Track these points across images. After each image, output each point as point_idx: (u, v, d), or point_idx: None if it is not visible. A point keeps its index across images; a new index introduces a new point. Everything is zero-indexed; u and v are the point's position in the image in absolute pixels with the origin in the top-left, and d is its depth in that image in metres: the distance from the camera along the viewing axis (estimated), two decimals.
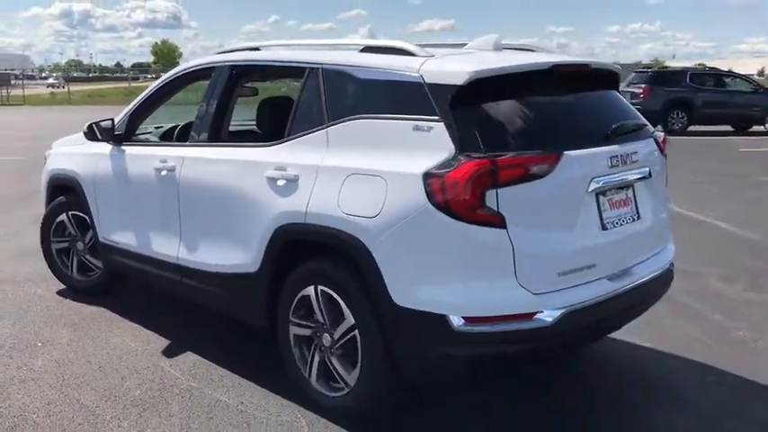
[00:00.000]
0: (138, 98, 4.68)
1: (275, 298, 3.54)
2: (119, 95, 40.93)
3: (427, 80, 3.02)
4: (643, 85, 18.85)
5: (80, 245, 5.16)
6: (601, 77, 3.57)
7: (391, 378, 3.19)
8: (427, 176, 2.87)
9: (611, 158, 3.20)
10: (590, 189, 3.10)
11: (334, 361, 3.34)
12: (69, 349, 4.21)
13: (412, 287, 2.95)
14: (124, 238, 4.57)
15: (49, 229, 5.23)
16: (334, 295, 3.25)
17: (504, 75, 3.06)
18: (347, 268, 3.16)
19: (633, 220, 3.36)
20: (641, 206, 3.43)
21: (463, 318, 2.88)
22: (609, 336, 4.04)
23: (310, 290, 3.34)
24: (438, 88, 2.98)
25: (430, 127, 2.96)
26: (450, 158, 2.86)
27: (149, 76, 71.59)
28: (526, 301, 2.90)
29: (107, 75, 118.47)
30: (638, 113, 3.70)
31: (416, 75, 3.07)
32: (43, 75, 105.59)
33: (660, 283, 3.55)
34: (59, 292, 5.24)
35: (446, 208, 2.84)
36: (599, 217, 3.18)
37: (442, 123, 2.93)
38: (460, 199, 2.81)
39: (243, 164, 3.72)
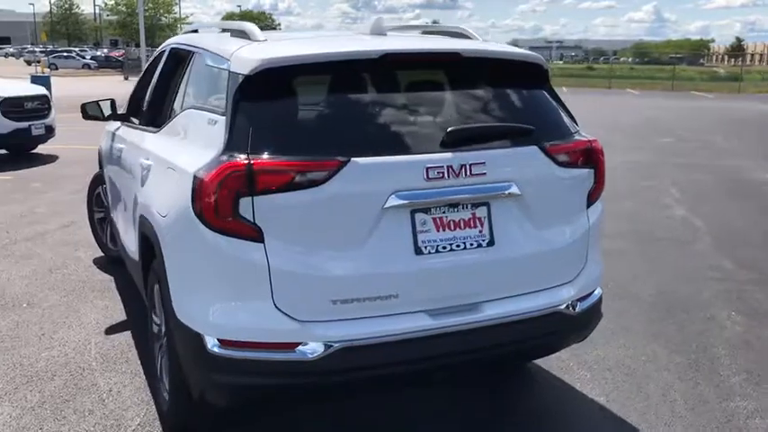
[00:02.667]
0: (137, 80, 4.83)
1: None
2: None
3: (231, 68, 2.73)
4: None
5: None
6: (495, 68, 2.96)
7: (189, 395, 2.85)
8: (195, 177, 2.58)
9: (427, 169, 2.58)
10: (389, 205, 2.55)
11: (163, 364, 3.16)
12: (37, 313, 4.47)
13: (183, 299, 2.72)
14: (113, 214, 4.78)
15: (91, 199, 5.68)
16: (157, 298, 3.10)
17: (309, 64, 2.66)
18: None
19: (480, 245, 2.71)
20: (499, 230, 2.74)
21: (218, 340, 2.55)
22: None
23: (155, 287, 3.19)
24: (233, 77, 2.68)
25: (216, 120, 2.71)
26: (214, 158, 2.54)
27: None
28: (286, 328, 2.53)
29: None
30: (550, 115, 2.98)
31: (227, 62, 2.78)
32: None
33: (544, 329, 2.86)
34: (95, 260, 5.59)
35: (200, 214, 2.54)
36: (412, 239, 2.61)
37: (224, 118, 2.62)
38: (211, 205, 2.50)
39: (135, 149, 3.79)
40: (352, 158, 2.50)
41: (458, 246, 2.68)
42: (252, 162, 2.47)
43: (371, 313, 2.57)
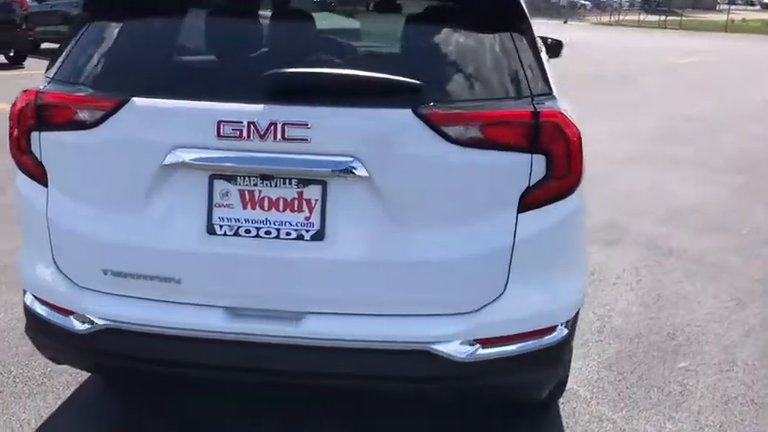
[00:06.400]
0: None
1: None
2: None
3: None
4: None
5: None
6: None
7: None
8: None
9: (220, 124, 2.03)
10: (169, 162, 2.08)
11: None
12: None
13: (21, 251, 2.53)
14: None
15: None
16: None
17: None
18: None
19: (301, 236, 2.09)
20: (336, 221, 2.09)
21: (32, 295, 2.39)
22: None
23: None
24: None
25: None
26: (33, 89, 2.29)
27: None
28: (63, 291, 2.28)
29: None
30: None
31: None
32: None
33: (403, 370, 2.16)
34: None
35: (11, 148, 2.33)
36: (206, 213, 2.11)
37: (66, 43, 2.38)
38: (14, 138, 2.29)
39: None
40: (133, 98, 2.10)
41: (268, 232, 2.10)
42: (42, 93, 2.23)
43: (148, 296, 2.18)
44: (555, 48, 4.67)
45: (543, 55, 2.30)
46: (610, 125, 9.69)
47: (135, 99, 2.11)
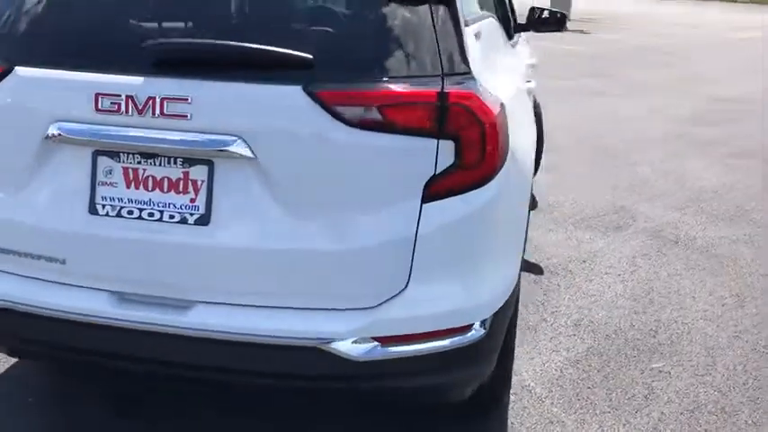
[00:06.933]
0: None
1: None
2: None
3: None
4: None
5: None
6: None
7: None
8: None
9: (97, 96, 1.91)
10: (51, 133, 1.97)
11: None
12: None
13: None
14: None
15: None
16: None
17: None
18: None
19: (185, 220, 1.96)
20: (223, 205, 1.95)
21: None
22: None
23: None
24: None
25: None
26: None
27: None
28: None
29: None
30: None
31: None
32: None
33: (294, 367, 2.01)
34: None
35: None
36: (89, 191, 2.00)
37: None
38: None
39: None
40: (17, 67, 2.00)
41: (151, 214, 1.98)
42: None
43: (35, 274, 2.08)
44: (556, 21, 4.34)
45: (467, 29, 2.07)
46: (650, 102, 9.28)
47: (18, 68, 2.01)
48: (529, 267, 4.11)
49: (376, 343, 1.97)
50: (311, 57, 1.89)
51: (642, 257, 4.36)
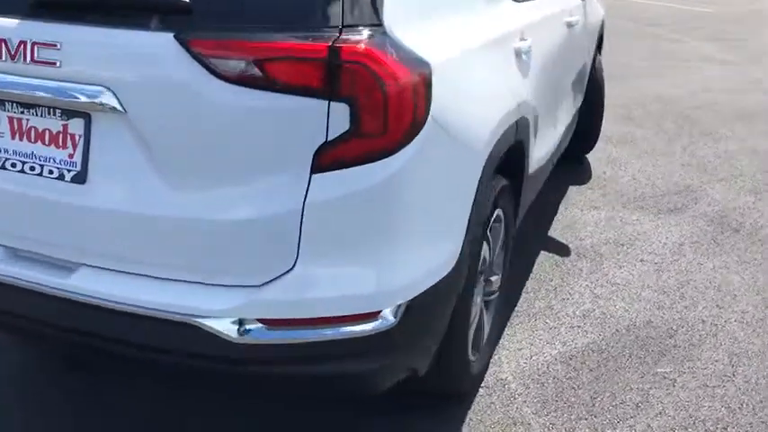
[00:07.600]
0: None
1: None
2: None
3: None
4: None
5: None
6: None
7: None
8: None
9: None
10: None
11: None
12: None
13: None
14: None
15: None
16: None
17: None
18: None
19: (62, 176, 1.84)
20: (100, 161, 1.81)
21: None
22: None
23: None
24: None
25: None
26: None
27: None
28: None
29: None
30: None
31: None
32: None
33: (175, 342, 1.83)
34: None
35: None
36: None
37: None
38: None
39: None
40: None
41: (32, 168, 1.87)
42: None
43: None
44: None
45: None
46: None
47: None
48: (555, 248, 3.77)
49: (261, 325, 1.78)
50: (188, 1, 1.69)
51: (691, 245, 3.89)
